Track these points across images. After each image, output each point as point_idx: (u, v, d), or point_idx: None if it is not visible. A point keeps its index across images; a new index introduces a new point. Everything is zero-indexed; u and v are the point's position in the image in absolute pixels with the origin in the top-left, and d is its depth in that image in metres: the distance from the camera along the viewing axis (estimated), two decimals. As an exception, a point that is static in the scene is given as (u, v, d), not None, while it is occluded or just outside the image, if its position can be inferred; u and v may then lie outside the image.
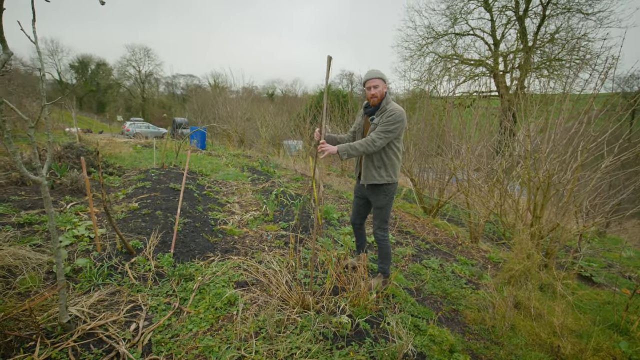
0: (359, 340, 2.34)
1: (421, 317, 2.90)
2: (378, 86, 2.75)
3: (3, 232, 2.84)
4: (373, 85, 2.75)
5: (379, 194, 2.93)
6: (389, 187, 2.91)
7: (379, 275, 3.18)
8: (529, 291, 3.47)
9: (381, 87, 2.76)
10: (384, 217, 3.00)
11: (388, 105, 2.77)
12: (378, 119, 2.77)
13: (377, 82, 2.75)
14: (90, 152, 5.45)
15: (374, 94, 2.76)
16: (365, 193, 3.07)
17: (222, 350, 2.03)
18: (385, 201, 2.94)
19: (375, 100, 2.79)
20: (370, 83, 2.76)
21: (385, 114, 2.73)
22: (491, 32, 19.47)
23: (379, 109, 2.80)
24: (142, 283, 2.57)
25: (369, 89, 2.78)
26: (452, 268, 4.21)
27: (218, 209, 4.72)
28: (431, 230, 6.16)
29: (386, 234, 3.04)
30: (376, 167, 2.85)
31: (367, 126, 2.92)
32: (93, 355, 1.84)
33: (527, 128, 4.21)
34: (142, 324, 2.15)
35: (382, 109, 2.78)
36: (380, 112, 2.78)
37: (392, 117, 2.67)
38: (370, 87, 2.76)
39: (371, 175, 2.87)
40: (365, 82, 2.80)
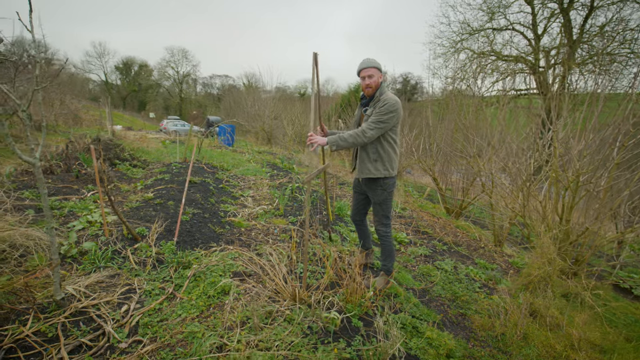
0: (349, 337, 2.25)
1: (422, 319, 2.75)
2: (373, 76, 2.62)
3: (25, 215, 3.05)
4: (368, 74, 2.62)
5: (377, 189, 2.82)
6: (386, 181, 2.78)
7: (382, 273, 3.04)
8: (548, 299, 3.18)
9: (376, 77, 2.63)
10: (384, 212, 2.88)
11: (382, 95, 2.65)
12: (371, 109, 2.66)
13: (372, 72, 2.62)
14: (117, 146, 5.77)
15: (369, 84, 2.64)
16: (363, 188, 2.97)
17: (206, 337, 2.03)
18: (384, 196, 2.81)
19: (370, 91, 2.67)
20: (364, 72, 2.63)
21: (378, 104, 2.61)
22: (532, 26, 18.30)
23: (373, 99, 2.69)
24: (141, 268, 2.65)
25: (363, 79, 2.66)
26: (467, 271, 3.97)
27: (230, 202, 4.80)
28: (452, 231, 5.88)
29: (388, 230, 2.92)
30: (372, 160, 2.74)
31: (362, 118, 2.83)
32: (81, 332, 1.91)
33: (555, 126, 3.88)
34: (134, 307, 2.21)
35: (376, 99, 2.67)
36: (374, 103, 2.67)
37: (384, 106, 2.55)
38: (365, 76, 2.64)
39: (367, 169, 2.76)
40: (359, 71, 2.68)
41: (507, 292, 3.48)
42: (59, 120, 8.23)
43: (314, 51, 2.92)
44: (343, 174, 9.93)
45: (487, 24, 18.82)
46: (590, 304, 3.48)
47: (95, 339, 1.90)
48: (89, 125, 9.51)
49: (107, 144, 5.51)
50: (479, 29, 19.12)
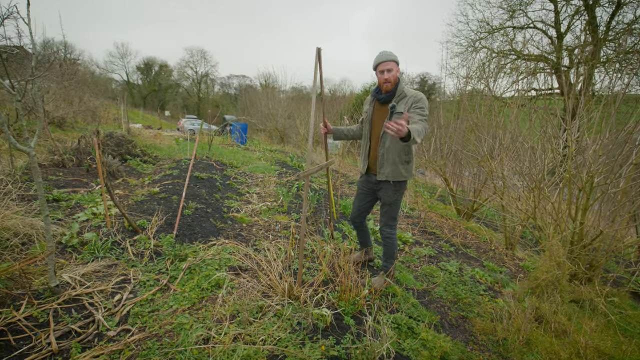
0: (339, 335, 2.21)
1: (419, 320, 2.68)
2: (392, 70, 2.49)
3: (30, 205, 3.15)
4: (387, 68, 2.48)
5: (390, 190, 2.69)
6: (403, 184, 2.70)
7: (381, 273, 2.97)
8: (555, 304, 3.04)
9: (395, 71, 2.51)
10: (393, 213, 2.78)
11: (407, 90, 2.54)
12: (403, 106, 2.48)
13: (390, 65, 2.48)
14: (129, 142, 5.92)
15: (387, 79, 2.50)
16: (374, 188, 2.83)
17: (193, 329, 2.04)
18: (397, 196, 2.72)
19: (389, 86, 2.53)
20: (383, 66, 2.49)
21: (410, 99, 2.49)
22: (554, 24, 17.66)
23: (397, 94, 2.54)
24: (138, 259, 2.69)
25: (381, 73, 2.52)
26: (473, 273, 3.85)
27: (235, 198, 4.83)
28: (461, 233, 5.72)
29: (394, 232, 2.83)
30: (404, 161, 2.59)
31: (380, 113, 2.64)
32: (71, 319, 1.95)
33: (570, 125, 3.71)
34: (126, 296, 2.24)
35: (402, 95, 2.53)
36: (400, 98, 2.53)
37: (421, 101, 2.45)
38: (384, 70, 2.50)
39: (398, 171, 2.60)
40: (376, 65, 2.53)
41: (512, 296, 3.35)
42: (77, 117, 8.56)
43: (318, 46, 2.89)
44: (354, 173, 9.85)
45: (507, 22, 18.29)
46: (604, 311, 3.31)
47: (85, 326, 1.93)
48: (107, 122, 9.82)
49: (119, 139, 5.66)
50: (499, 27, 18.60)
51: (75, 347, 1.73)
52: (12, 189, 3.16)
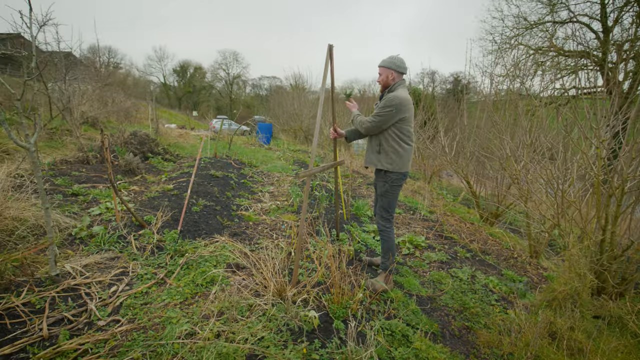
0: (326, 338, 2.15)
1: (417, 328, 2.55)
2: (380, 74, 2.83)
3: (52, 199, 3.36)
4: (378, 72, 2.86)
5: (380, 180, 2.91)
6: (390, 175, 2.83)
7: (380, 271, 2.99)
8: (573, 319, 2.78)
9: (384, 76, 2.80)
10: (385, 205, 2.91)
11: (389, 92, 2.79)
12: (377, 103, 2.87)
13: (380, 70, 2.83)
14: (152, 141, 6.19)
15: (378, 81, 2.88)
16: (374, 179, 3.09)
17: (180, 323, 2.07)
18: (385, 188, 2.86)
19: (381, 87, 2.89)
20: (378, 70, 2.86)
21: (382, 100, 2.77)
22: (600, 17, 16.35)
23: (383, 96, 2.85)
24: (140, 253, 2.78)
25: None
26: (486, 281, 3.62)
27: (247, 196, 4.89)
28: (482, 239, 5.43)
29: (388, 225, 2.92)
30: (374, 151, 2.87)
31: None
32: (67, 307, 2.04)
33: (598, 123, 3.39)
34: (122, 288, 2.32)
35: (384, 96, 2.83)
36: (382, 98, 2.84)
37: (384, 101, 2.71)
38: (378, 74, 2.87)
39: (369, 158, 2.92)
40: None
41: (527, 308, 3.12)
42: (111, 117, 9.11)
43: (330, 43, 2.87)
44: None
45: (546, 16, 17.18)
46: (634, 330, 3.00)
47: (78, 314, 2.02)
48: (139, 122, 10.37)
49: (142, 138, 5.94)
50: (537, 22, 17.51)
51: (63, 334, 1.81)
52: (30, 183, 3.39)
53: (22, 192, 3.08)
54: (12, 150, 4.40)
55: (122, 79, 32.70)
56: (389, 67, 2.78)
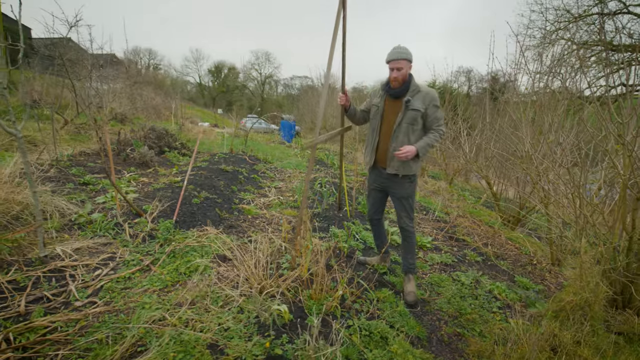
0: (295, 334, 2.09)
1: (401, 331, 2.42)
2: (402, 69, 2.49)
3: (63, 188, 3.57)
4: (397, 67, 2.50)
5: (405, 183, 2.70)
6: (414, 176, 2.73)
7: (410, 277, 2.88)
8: (582, 333, 2.51)
9: (405, 70, 2.51)
10: (412, 205, 2.78)
11: (420, 85, 2.57)
12: (420, 102, 2.52)
13: (401, 64, 2.49)
14: (170, 136, 6.44)
15: (396, 77, 2.52)
16: (385, 184, 2.81)
17: (152, 309, 2.10)
18: (412, 188, 2.74)
19: (397, 84, 2.55)
20: (394, 64, 2.51)
21: (427, 96, 2.54)
22: (657, 6, 14.81)
23: (410, 89, 2.55)
24: (132, 240, 2.87)
25: (391, 70, 2.54)
26: (491, 287, 3.38)
27: (253, 191, 4.93)
28: (499, 243, 5.09)
29: (413, 225, 2.84)
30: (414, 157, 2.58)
31: (392, 108, 2.65)
32: (49, 287, 2.14)
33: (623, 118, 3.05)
34: (106, 272, 2.40)
35: (416, 90, 2.55)
36: (414, 93, 2.54)
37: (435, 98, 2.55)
38: (394, 68, 2.51)
39: (408, 166, 2.63)
40: (388, 61, 2.54)
41: (532, 318, 2.87)
42: (140, 114, 9.62)
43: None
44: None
45: (592, 8, 15.84)
46: None
47: (58, 294, 2.11)
48: (168, 119, 10.87)
49: (161, 133, 6.19)
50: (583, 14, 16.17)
51: (38, 311, 1.90)
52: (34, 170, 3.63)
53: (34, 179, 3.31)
54: (38, 142, 4.76)
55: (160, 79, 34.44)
56: (409, 58, 2.53)
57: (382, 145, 2.71)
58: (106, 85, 7.96)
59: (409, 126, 2.57)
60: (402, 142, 2.57)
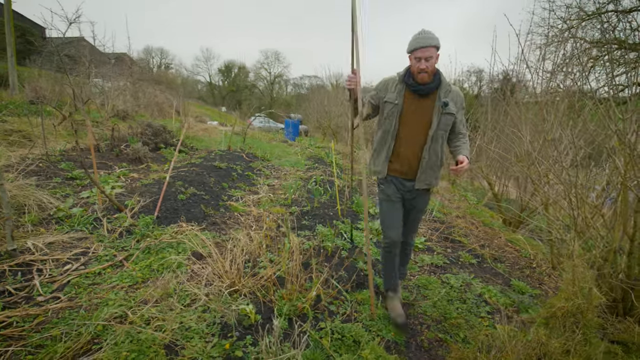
0: (261, 336, 2.00)
1: (377, 334, 2.31)
2: (431, 58, 1.99)
3: (50, 182, 3.57)
4: (425, 56, 1.98)
5: (428, 195, 2.43)
6: None
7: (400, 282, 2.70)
8: (573, 342, 2.35)
9: (434, 59, 2.02)
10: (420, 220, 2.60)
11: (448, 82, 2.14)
12: (453, 104, 2.10)
13: (431, 52, 1.99)
14: (167, 132, 6.44)
15: (425, 69, 2.00)
16: (406, 196, 2.34)
17: (115, 306, 2.04)
18: (427, 202, 2.47)
19: (425, 78, 2.03)
20: (422, 53, 1.98)
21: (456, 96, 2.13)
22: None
23: (443, 87, 2.09)
24: (109, 235, 2.83)
25: (417, 60, 2.00)
26: (482, 291, 3.23)
27: (244, 188, 4.86)
28: (498, 245, 4.91)
29: None
30: (439, 166, 2.26)
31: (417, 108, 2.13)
32: (14, 281, 2.11)
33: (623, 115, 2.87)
34: (75, 267, 2.35)
35: (447, 88, 2.10)
36: (448, 92, 2.11)
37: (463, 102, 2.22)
38: (421, 58, 1.99)
39: (433, 176, 2.27)
40: (413, 50, 2.01)
41: (523, 324, 2.72)
42: (143, 111, 9.69)
43: None
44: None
45: (606, 5, 15.28)
46: None
47: (21, 288, 2.07)
48: (171, 116, 10.92)
49: (158, 130, 6.19)
50: (596, 12, 15.63)
51: (-5, 306, 1.86)
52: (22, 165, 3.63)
53: (19, 173, 3.32)
54: (33, 137, 4.80)
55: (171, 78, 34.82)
56: (439, 46, 2.03)
57: (405, 153, 2.20)
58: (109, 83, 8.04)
59: (444, 133, 2.14)
60: (435, 153, 2.15)
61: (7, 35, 8.36)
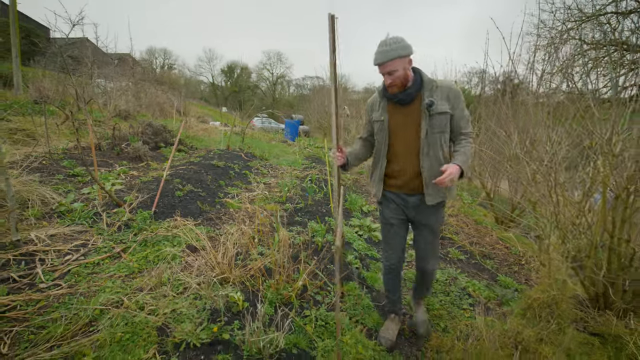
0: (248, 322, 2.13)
1: (362, 323, 2.43)
2: (396, 71, 1.82)
3: (52, 179, 3.72)
4: (388, 71, 1.83)
5: (439, 211, 2.11)
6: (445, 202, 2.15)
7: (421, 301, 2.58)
8: (547, 331, 2.47)
9: (401, 71, 1.83)
10: (438, 242, 2.32)
11: (437, 80, 1.95)
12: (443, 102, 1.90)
13: (393, 66, 1.81)
14: (168, 132, 6.60)
15: (392, 83, 1.86)
16: (411, 214, 2.13)
17: (112, 292, 2.18)
18: (441, 221, 2.17)
19: (396, 89, 1.90)
20: (383, 69, 1.85)
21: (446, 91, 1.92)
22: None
23: (426, 87, 1.92)
24: (108, 229, 2.97)
25: (383, 75, 1.89)
26: (467, 285, 3.35)
27: (240, 186, 5.00)
28: (489, 242, 5.02)
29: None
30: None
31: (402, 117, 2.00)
32: (18, 269, 2.25)
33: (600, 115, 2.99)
34: (75, 257, 2.49)
35: (433, 86, 1.91)
36: (433, 90, 1.91)
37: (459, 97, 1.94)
38: (384, 74, 1.86)
39: (451, 188, 2.04)
40: (377, 65, 1.88)
41: (503, 316, 2.84)
42: (144, 111, 9.87)
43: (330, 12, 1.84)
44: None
45: (605, 7, 15.32)
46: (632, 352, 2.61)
47: (25, 276, 2.21)
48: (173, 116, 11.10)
49: (158, 129, 6.35)
50: (596, 13, 15.68)
51: (1, 290, 2.00)
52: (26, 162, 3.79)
53: (23, 169, 3.47)
54: (37, 135, 4.96)
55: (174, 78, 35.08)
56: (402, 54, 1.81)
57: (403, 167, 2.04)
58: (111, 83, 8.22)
59: (441, 135, 1.93)
60: (437, 158, 1.95)
61: (12, 36, 8.57)
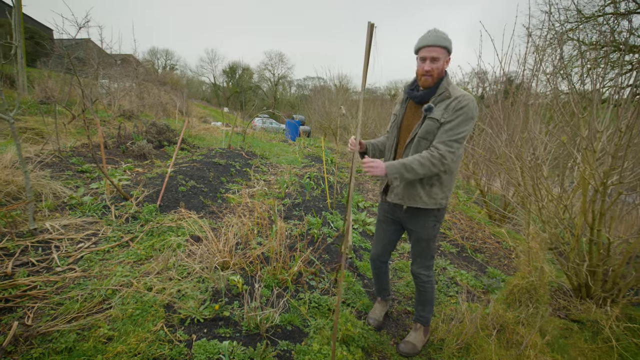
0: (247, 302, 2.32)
1: (351, 306, 2.62)
2: (438, 59, 1.77)
3: (62, 175, 3.92)
4: (431, 56, 1.77)
5: (427, 221, 2.01)
6: (441, 211, 2.01)
7: (419, 326, 2.34)
8: (525, 315, 2.65)
9: (442, 62, 1.79)
10: (431, 252, 2.14)
11: (453, 89, 1.83)
12: (440, 111, 1.80)
13: (437, 52, 1.76)
14: (171, 131, 6.80)
15: (429, 71, 1.78)
16: (400, 217, 2.12)
17: (122, 276, 2.37)
18: (435, 231, 2.05)
19: (429, 81, 1.82)
20: (427, 52, 1.77)
21: (451, 104, 1.78)
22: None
23: (436, 93, 1.84)
24: (116, 220, 3.17)
25: (422, 61, 1.81)
26: (454, 274, 3.53)
27: (241, 182, 5.20)
28: (481, 237, 5.20)
29: (432, 274, 2.22)
30: (425, 183, 1.91)
31: (413, 117, 1.96)
32: (35, 255, 2.45)
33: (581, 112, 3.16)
34: (87, 245, 2.69)
35: (443, 95, 1.82)
36: (441, 99, 1.82)
37: (463, 110, 1.76)
38: (427, 58, 1.78)
39: (416, 194, 1.93)
40: (419, 49, 1.81)
41: (488, 303, 3.02)
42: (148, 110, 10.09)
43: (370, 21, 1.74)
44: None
45: (605, 8, 15.46)
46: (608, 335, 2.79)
47: (42, 260, 2.41)
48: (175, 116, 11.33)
49: (161, 128, 6.55)
50: (595, 14, 15.82)
51: (22, 273, 2.20)
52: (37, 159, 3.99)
53: (34, 165, 3.68)
54: (46, 134, 5.17)
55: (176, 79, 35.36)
56: (448, 47, 1.78)
57: None
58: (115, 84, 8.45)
59: (427, 143, 1.85)
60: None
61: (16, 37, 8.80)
